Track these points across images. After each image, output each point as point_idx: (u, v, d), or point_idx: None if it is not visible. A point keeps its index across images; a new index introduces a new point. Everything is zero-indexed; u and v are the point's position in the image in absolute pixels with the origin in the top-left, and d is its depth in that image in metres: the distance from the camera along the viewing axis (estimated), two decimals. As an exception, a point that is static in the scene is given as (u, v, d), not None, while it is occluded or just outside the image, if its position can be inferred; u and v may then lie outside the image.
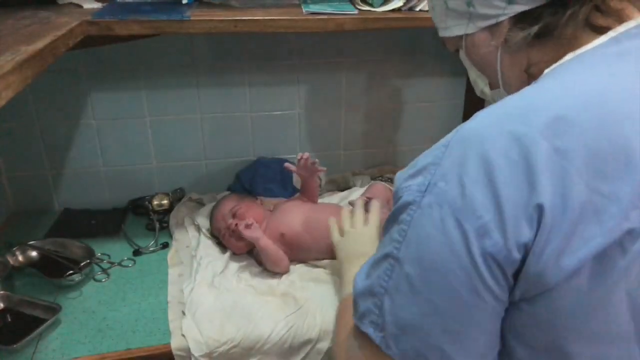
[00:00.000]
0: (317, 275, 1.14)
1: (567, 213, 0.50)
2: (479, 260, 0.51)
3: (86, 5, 1.07)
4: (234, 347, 0.96)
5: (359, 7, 1.14)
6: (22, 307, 1.03)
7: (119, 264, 1.19)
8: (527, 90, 0.58)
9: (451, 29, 0.71)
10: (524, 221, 0.50)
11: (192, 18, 1.00)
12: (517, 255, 0.51)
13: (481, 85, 0.77)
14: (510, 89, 0.69)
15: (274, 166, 1.46)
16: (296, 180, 1.41)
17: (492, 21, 0.65)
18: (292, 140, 1.51)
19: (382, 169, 1.58)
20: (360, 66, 1.45)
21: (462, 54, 0.74)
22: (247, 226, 1.13)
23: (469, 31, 0.69)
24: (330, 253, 1.12)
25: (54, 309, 1.01)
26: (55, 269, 1.12)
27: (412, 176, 0.57)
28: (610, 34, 0.59)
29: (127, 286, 1.12)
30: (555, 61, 0.61)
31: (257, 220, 1.19)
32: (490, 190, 0.51)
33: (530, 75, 0.66)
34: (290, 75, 1.43)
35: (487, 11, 0.65)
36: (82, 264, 1.11)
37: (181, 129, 1.42)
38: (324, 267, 1.16)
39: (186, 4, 1.08)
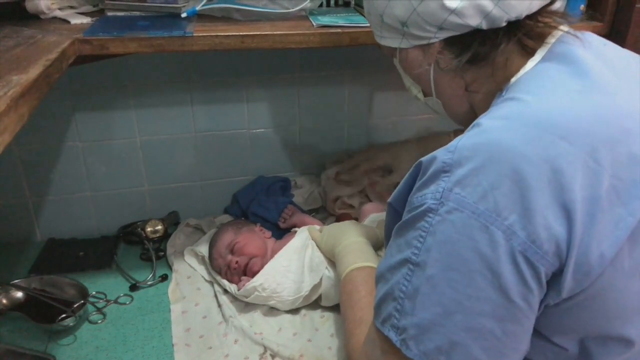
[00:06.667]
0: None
1: (596, 203, 0.53)
2: (506, 259, 0.53)
3: (74, 21, 0.96)
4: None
5: (370, 18, 1.06)
6: (10, 360, 0.92)
7: (115, 301, 1.09)
8: (530, 106, 0.59)
9: (386, 39, 0.74)
10: (553, 218, 0.53)
11: (195, 34, 0.91)
12: (550, 252, 0.53)
13: (415, 92, 0.82)
14: (449, 103, 0.76)
15: (273, 186, 1.38)
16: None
17: (424, 41, 0.69)
18: (293, 157, 1.43)
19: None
20: (363, 79, 1.38)
21: (396, 62, 0.78)
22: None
23: (403, 46, 0.72)
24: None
25: (48, 361, 0.90)
26: (44, 312, 1.01)
27: (424, 184, 0.59)
28: (539, 53, 0.65)
29: (126, 328, 1.02)
30: (494, 82, 0.67)
31: (258, 252, 1.12)
32: (515, 192, 0.53)
33: (472, 92, 0.71)
34: (290, 89, 1.34)
35: (419, 33, 0.68)
36: (75, 306, 1.01)
37: (175, 148, 1.32)
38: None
39: (186, 18, 0.98)
